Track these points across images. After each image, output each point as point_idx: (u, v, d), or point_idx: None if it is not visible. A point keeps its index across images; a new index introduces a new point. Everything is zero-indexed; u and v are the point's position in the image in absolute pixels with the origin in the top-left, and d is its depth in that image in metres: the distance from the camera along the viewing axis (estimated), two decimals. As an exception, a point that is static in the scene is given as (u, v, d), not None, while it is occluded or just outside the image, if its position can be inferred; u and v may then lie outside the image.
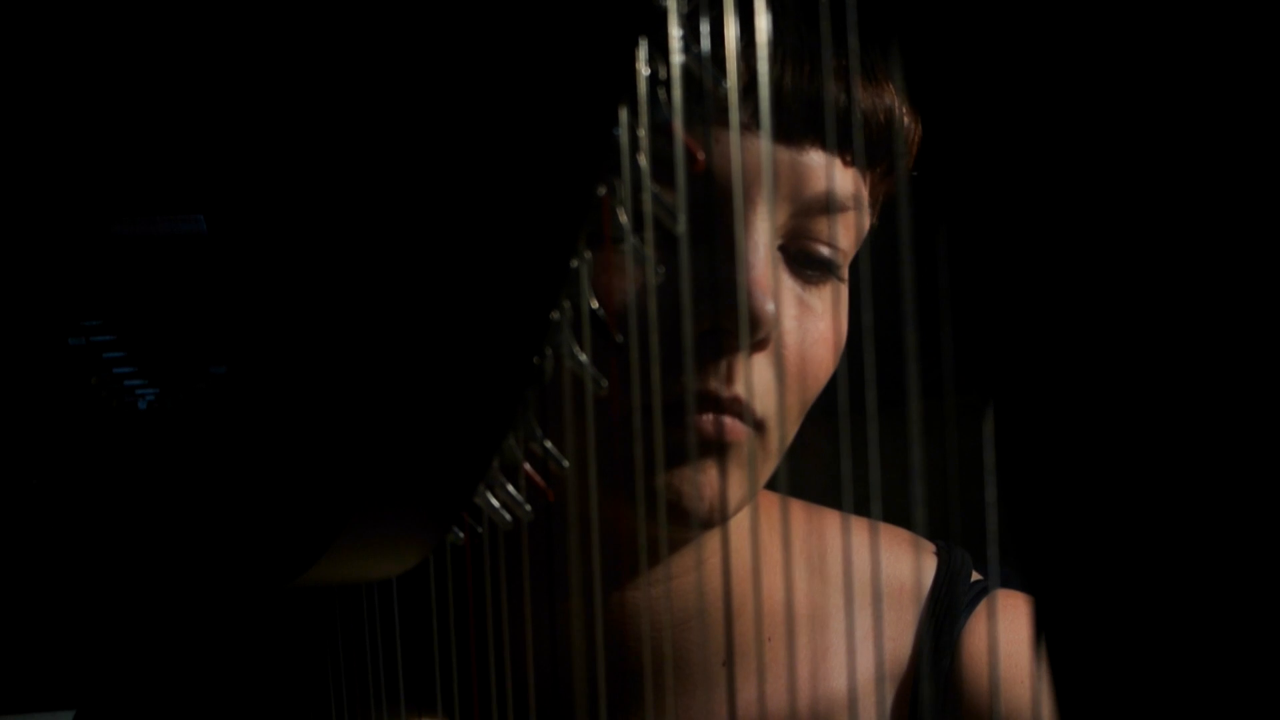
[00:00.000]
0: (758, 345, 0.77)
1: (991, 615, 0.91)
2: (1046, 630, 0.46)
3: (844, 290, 0.83)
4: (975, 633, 0.92)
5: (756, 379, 0.78)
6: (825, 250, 0.80)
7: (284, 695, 0.89)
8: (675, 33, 0.59)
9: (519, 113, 0.61)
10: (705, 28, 0.59)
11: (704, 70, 0.60)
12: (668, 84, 0.60)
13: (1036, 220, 0.44)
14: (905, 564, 0.93)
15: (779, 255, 0.80)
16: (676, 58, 0.59)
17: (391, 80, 0.66)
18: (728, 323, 0.75)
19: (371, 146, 0.68)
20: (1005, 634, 0.89)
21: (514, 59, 0.60)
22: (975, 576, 0.95)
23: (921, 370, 0.57)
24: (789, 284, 0.80)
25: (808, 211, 0.79)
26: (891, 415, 0.58)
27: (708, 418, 0.77)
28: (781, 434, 0.82)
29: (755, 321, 0.75)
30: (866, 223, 0.83)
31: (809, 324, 0.80)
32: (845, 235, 0.82)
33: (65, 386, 0.98)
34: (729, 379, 0.77)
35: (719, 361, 0.76)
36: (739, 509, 0.82)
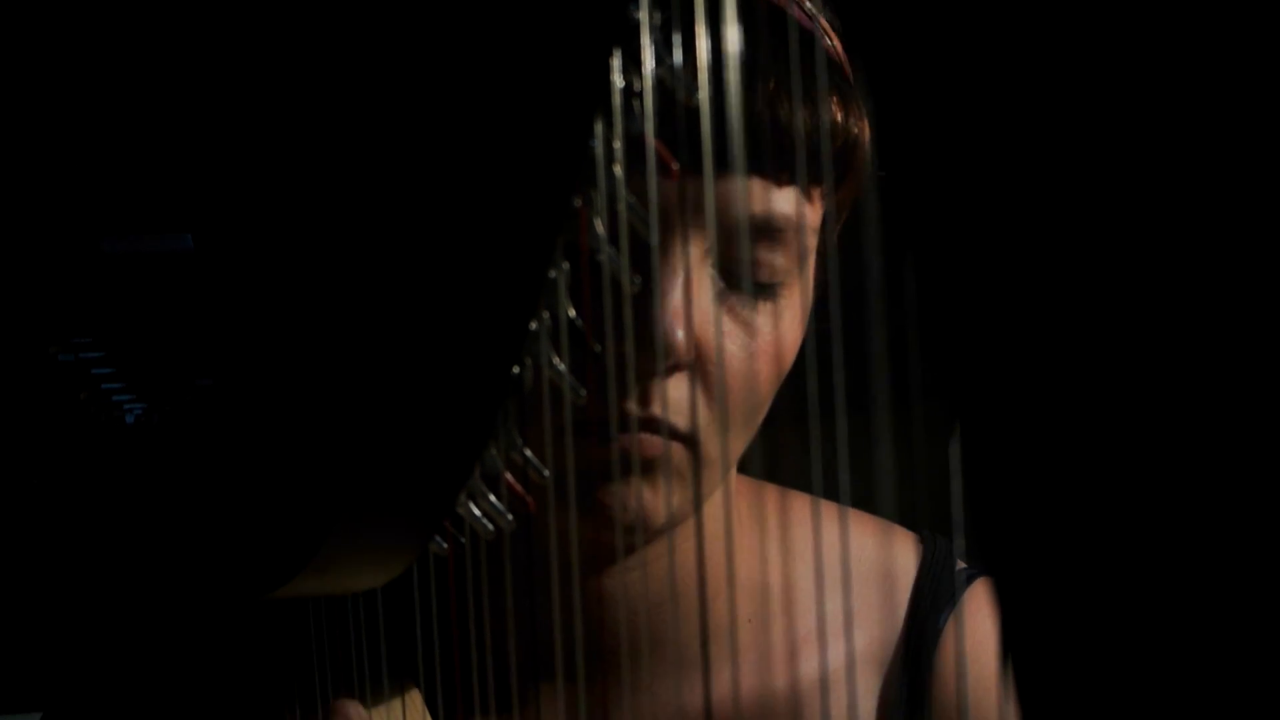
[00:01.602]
0: (675, 368, 0.79)
1: (967, 610, 0.92)
2: (1012, 634, 0.46)
3: (793, 303, 0.84)
4: (964, 620, 0.93)
5: (682, 396, 0.80)
6: (760, 272, 0.81)
7: (265, 704, 0.90)
8: (648, 45, 0.60)
9: (495, 125, 0.61)
10: (677, 39, 0.60)
11: (676, 81, 0.60)
12: (641, 95, 0.61)
13: (1002, 233, 0.45)
14: (893, 551, 0.95)
15: (715, 272, 0.80)
16: (650, 69, 0.60)
17: (369, 97, 0.67)
18: (640, 349, 0.76)
19: (351, 162, 0.69)
20: (986, 626, 0.89)
21: (489, 72, 0.61)
22: (960, 565, 0.95)
23: (890, 377, 0.57)
24: (726, 299, 0.81)
25: (739, 234, 0.80)
26: (860, 422, 0.59)
27: (630, 436, 0.79)
28: (722, 445, 0.83)
29: (664, 349, 0.77)
30: (811, 240, 0.84)
31: (745, 340, 0.81)
32: (783, 254, 0.82)
33: (54, 401, 0.99)
34: (648, 399, 0.79)
35: (645, 382, 0.79)
36: (677, 518, 0.84)
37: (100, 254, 1.03)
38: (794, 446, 0.84)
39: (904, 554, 0.95)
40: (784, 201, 0.81)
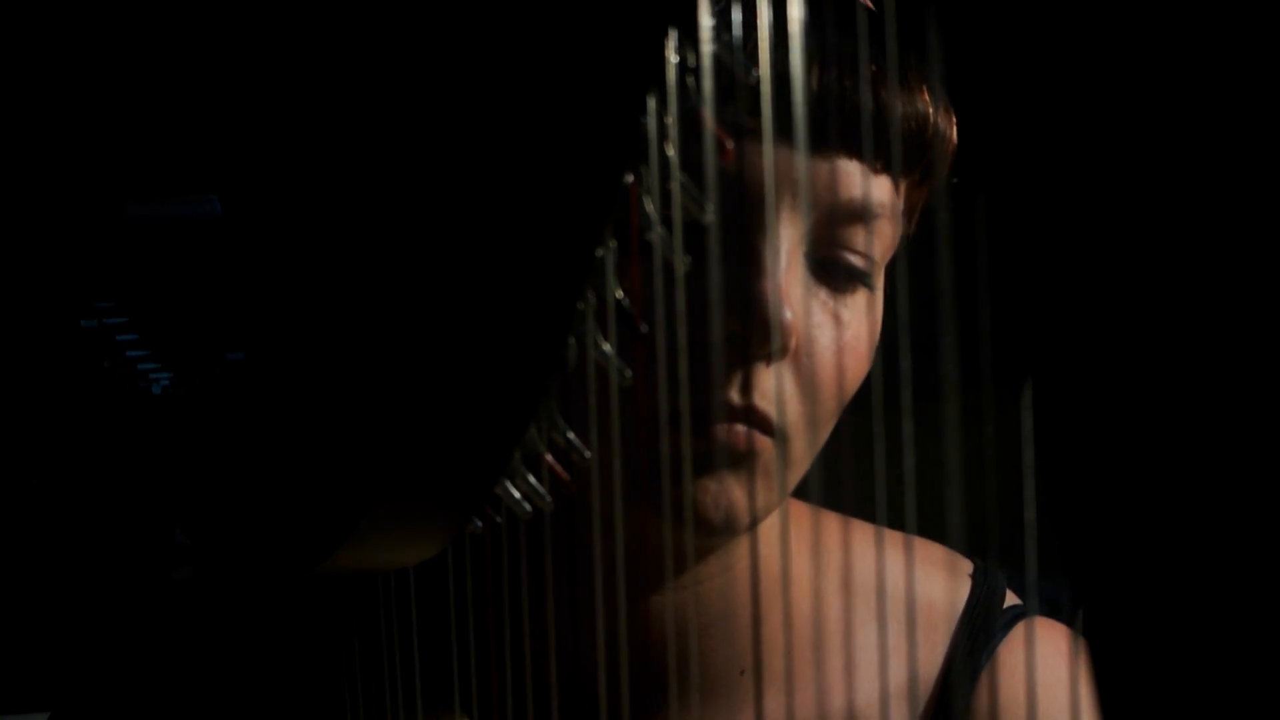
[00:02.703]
0: (778, 354, 0.76)
1: (1029, 642, 0.90)
2: (1089, 634, 0.45)
3: (876, 298, 0.82)
4: (1005, 660, 0.91)
5: (779, 388, 0.77)
6: (854, 259, 0.79)
7: (298, 686, 0.89)
8: (706, 21, 0.58)
9: (547, 100, 0.60)
10: (737, 16, 0.59)
11: (734, 59, 0.59)
12: (697, 72, 0.59)
13: (1077, 203, 0.44)
14: (938, 583, 0.92)
15: (806, 262, 0.79)
16: (706, 46, 0.59)
17: (420, 65, 0.66)
18: (747, 331, 0.74)
19: (397, 131, 0.68)
20: (1037, 662, 0.88)
21: (543, 46, 0.59)
22: (1011, 600, 0.94)
23: (959, 364, 0.56)
24: (816, 291, 0.79)
25: (835, 219, 0.78)
26: (927, 410, 0.57)
27: (725, 427, 0.76)
28: (809, 442, 0.81)
29: (775, 330, 0.74)
30: (899, 232, 0.82)
31: (835, 332, 0.80)
32: (875, 244, 0.80)
33: (77, 369, 0.98)
34: (748, 388, 0.76)
35: (739, 370, 0.76)
36: (762, 517, 0.81)
37: (124, 217, 1.02)
38: (850, 440, 0.82)
39: (952, 587, 0.93)
40: (879, 188, 0.79)
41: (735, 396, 0.76)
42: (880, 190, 0.79)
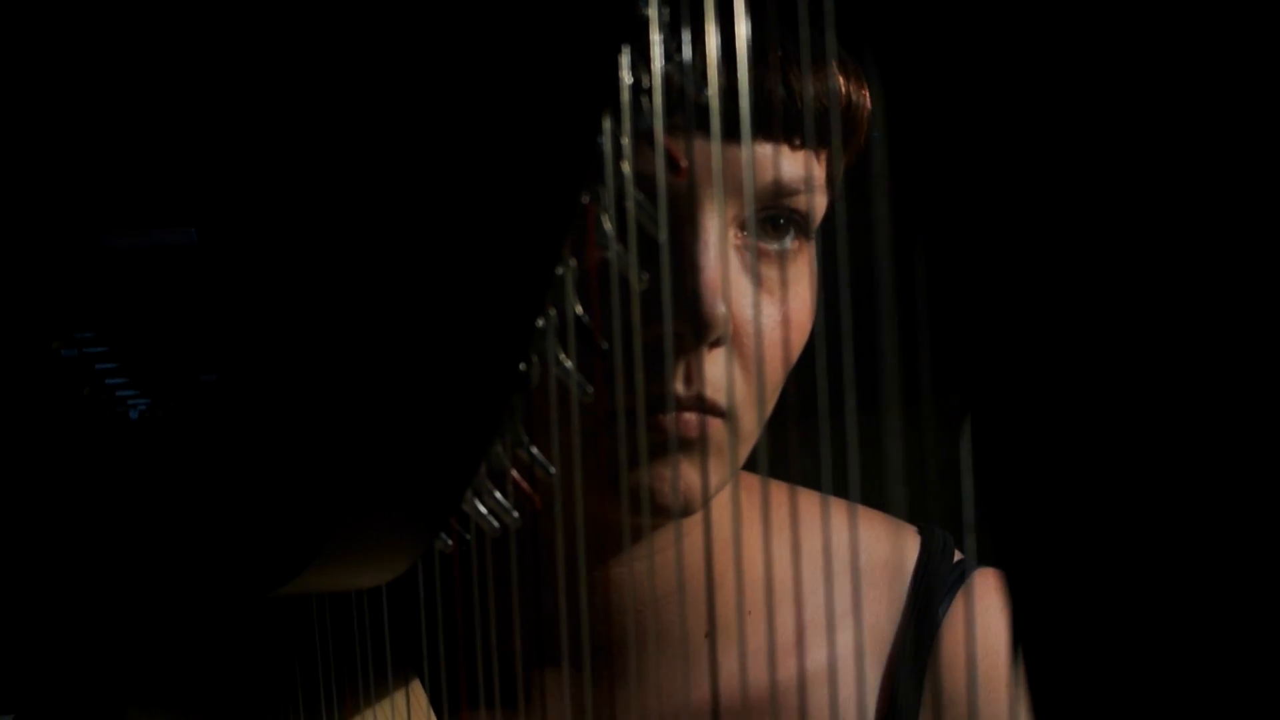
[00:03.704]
0: (715, 344, 0.78)
1: (969, 600, 0.92)
2: (1023, 624, 0.46)
3: (811, 265, 0.84)
4: (957, 614, 0.93)
5: (721, 372, 0.79)
6: (782, 238, 0.82)
7: (272, 702, 0.89)
8: (657, 40, 0.59)
9: (504, 121, 0.61)
10: (686, 35, 0.60)
11: (685, 78, 0.60)
12: (650, 92, 0.61)
13: (1013, 227, 0.45)
14: (887, 544, 0.95)
15: (736, 246, 0.81)
16: (658, 65, 0.60)
17: (378, 92, 0.67)
18: (682, 328, 0.76)
19: (358, 157, 0.69)
20: (985, 616, 0.90)
21: (498, 68, 0.61)
22: (958, 556, 0.96)
23: (901, 373, 0.57)
24: (746, 274, 0.81)
25: (760, 201, 0.81)
26: (871, 417, 0.58)
27: (674, 416, 0.78)
28: (758, 415, 0.83)
29: (708, 324, 0.76)
30: (823, 201, 0.84)
31: (770, 309, 0.82)
32: (799, 218, 0.83)
33: (58, 397, 0.99)
34: (693, 377, 0.78)
35: (682, 361, 0.78)
36: (716, 493, 0.84)
37: (103, 248, 1.03)
38: (803, 443, 0.84)
39: (900, 547, 0.96)
40: (798, 165, 0.81)
41: (681, 387, 0.78)
42: (799, 166, 0.81)
